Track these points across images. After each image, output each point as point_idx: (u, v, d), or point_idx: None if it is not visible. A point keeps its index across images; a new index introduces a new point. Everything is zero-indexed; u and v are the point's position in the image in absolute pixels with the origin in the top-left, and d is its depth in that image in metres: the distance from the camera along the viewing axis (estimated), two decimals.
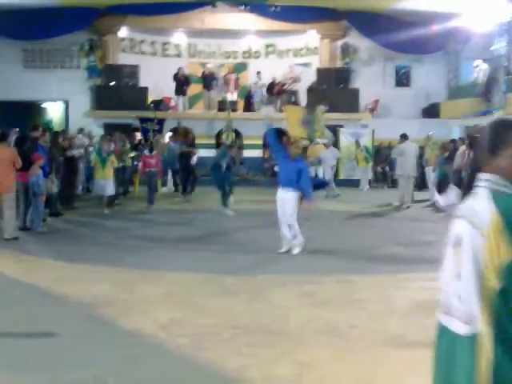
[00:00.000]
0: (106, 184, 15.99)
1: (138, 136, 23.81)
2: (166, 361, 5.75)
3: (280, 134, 11.00)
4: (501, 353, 2.29)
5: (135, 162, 19.91)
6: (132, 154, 20.03)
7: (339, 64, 27.54)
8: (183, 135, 22.24)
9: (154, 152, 18.24)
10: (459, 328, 2.42)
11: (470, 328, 2.37)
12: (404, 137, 18.09)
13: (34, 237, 12.36)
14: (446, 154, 17.25)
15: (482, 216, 2.35)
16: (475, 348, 2.33)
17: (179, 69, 26.09)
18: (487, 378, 2.30)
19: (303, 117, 12.66)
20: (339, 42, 27.68)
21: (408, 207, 17.41)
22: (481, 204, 2.39)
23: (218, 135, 25.38)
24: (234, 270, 9.41)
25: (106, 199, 16.20)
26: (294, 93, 26.53)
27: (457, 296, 2.43)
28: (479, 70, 24.38)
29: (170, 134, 23.99)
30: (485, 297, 2.31)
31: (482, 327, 2.31)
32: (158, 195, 18.88)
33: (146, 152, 18.44)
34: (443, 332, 2.51)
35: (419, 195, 19.59)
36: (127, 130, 23.19)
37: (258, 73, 27.20)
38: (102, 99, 25.09)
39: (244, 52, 28.92)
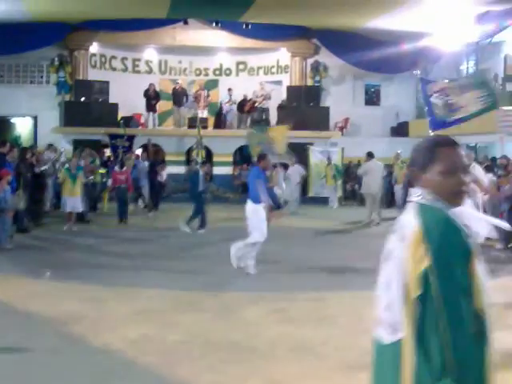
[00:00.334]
0: (76, 200, 15.85)
1: (107, 152, 23.69)
2: (136, 377, 5.68)
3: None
4: (422, 361, 2.34)
5: (104, 179, 19.80)
6: (102, 171, 19.90)
7: (310, 82, 27.76)
8: (153, 152, 22.19)
9: (124, 168, 18.14)
10: (385, 337, 2.46)
11: (395, 337, 2.42)
12: (370, 155, 18.20)
13: (1, 253, 12.16)
14: None
15: (408, 229, 2.43)
16: (399, 356, 2.39)
17: (150, 85, 26.10)
18: (410, 382, 2.36)
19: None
20: (310, 60, 27.91)
21: (378, 224, 17.48)
22: (408, 218, 2.48)
23: (189, 152, 25.34)
24: (204, 287, 9.36)
25: (75, 216, 16.04)
26: (265, 110, 26.64)
27: (384, 306, 2.47)
28: None
29: (139, 150, 23.87)
30: (408, 306, 2.37)
31: (405, 335, 2.37)
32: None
33: (117, 168, 18.35)
34: (374, 344, 2.54)
35: (388, 213, 19.68)
36: (97, 146, 23.05)
37: (230, 90, 27.27)
38: (72, 115, 24.92)
39: (215, 69, 29.03)
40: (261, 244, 10.39)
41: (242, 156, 26.09)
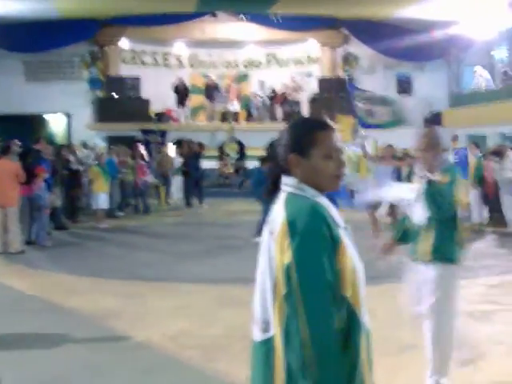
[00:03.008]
0: (106, 197, 16.00)
1: (142, 149, 23.80)
2: (176, 372, 5.74)
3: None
4: (290, 360, 2.26)
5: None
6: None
7: (340, 73, 27.57)
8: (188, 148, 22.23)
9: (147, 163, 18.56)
10: (257, 334, 2.39)
11: (267, 334, 2.34)
12: None
13: (40, 250, 12.36)
14: None
15: (277, 221, 2.33)
16: (271, 354, 2.30)
17: (179, 79, 26.13)
18: (282, 380, 2.27)
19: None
20: (339, 51, 27.72)
21: None
22: (278, 209, 2.38)
23: (221, 146, 25.38)
24: (244, 282, 9.37)
25: (104, 212, 16.16)
26: (297, 103, 26.55)
27: (258, 303, 2.41)
28: (479, 76, 24.38)
29: (172, 146, 23.96)
30: (277, 302, 2.28)
31: (276, 333, 2.28)
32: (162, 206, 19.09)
33: (143, 163, 18.66)
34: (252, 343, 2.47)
35: None
36: (130, 142, 23.22)
37: (261, 82, 27.23)
38: (104, 111, 25.09)
39: (245, 62, 28.97)
40: None
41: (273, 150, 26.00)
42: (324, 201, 2.40)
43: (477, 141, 16.79)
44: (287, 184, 2.43)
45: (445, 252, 4.53)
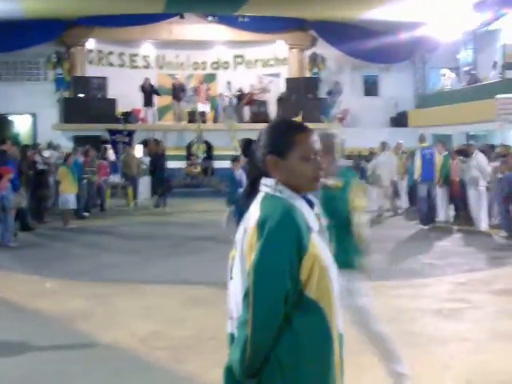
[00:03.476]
0: (73, 197, 15.85)
1: (108, 148, 23.60)
2: (146, 374, 5.69)
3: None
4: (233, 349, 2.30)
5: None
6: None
7: (308, 74, 27.72)
8: (154, 147, 22.15)
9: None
10: (230, 327, 2.41)
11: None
12: (384, 145, 17.98)
13: (6, 252, 12.17)
14: None
15: (251, 220, 2.35)
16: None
17: (145, 79, 26.07)
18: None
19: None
20: (307, 52, 27.88)
21: (393, 215, 17.55)
22: (253, 208, 2.39)
23: (189, 146, 25.32)
24: (211, 282, 9.35)
25: (70, 213, 16.02)
26: (264, 103, 26.61)
27: (230, 297, 2.43)
28: (447, 78, 24.68)
29: (139, 146, 23.87)
30: (248, 298, 2.27)
31: (247, 329, 2.26)
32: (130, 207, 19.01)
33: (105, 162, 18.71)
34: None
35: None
36: (97, 142, 23.08)
37: (229, 83, 27.25)
38: (71, 112, 24.91)
39: (213, 63, 28.98)
40: None
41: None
42: (300, 203, 2.40)
43: (442, 140, 16.96)
44: (266, 185, 2.43)
45: (346, 259, 4.54)
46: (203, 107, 26.67)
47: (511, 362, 5.84)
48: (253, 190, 2.49)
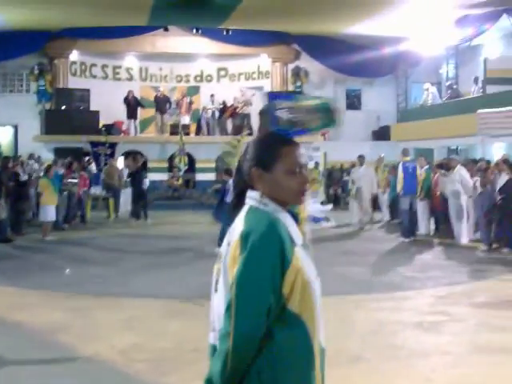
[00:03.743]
0: (54, 209, 15.74)
1: (90, 160, 23.51)
2: None
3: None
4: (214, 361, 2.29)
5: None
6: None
7: (291, 87, 27.81)
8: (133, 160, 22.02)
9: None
10: (212, 339, 2.40)
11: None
12: (361, 158, 18.01)
13: None
14: None
15: (235, 232, 2.34)
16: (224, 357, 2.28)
17: (129, 92, 26.08)
18: None
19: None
20: (290, 66, 28.00)
21: (361, 228, 17.55)
22: (238, 221, 2.39)
23: (171, 159, 25.30)
24: (191, 295, 9.31)
25: (51, 225, 15.91)
26: (246, 116, 26.65)
27: (213, 310, 2.41)
28: (429, 93, 24.87)
29: (121, 158, 23.82)
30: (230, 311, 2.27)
31: (229, 339, 2.24)
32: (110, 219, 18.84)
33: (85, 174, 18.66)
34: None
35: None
36: (78, 154, 22.98)
37: (212, 96, 27.29)
38: (53, 123, 24.75)
39: (196, 76, 29.03)
40: None
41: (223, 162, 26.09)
42: (284, 217, 2.39)
43: (424, 154, 17.09)
44: (251, 197, 2.42)
45: None
46: (186, 120, 26.68)
47: (492, 375, 5.85)
48: (239, 202, 2.48)
